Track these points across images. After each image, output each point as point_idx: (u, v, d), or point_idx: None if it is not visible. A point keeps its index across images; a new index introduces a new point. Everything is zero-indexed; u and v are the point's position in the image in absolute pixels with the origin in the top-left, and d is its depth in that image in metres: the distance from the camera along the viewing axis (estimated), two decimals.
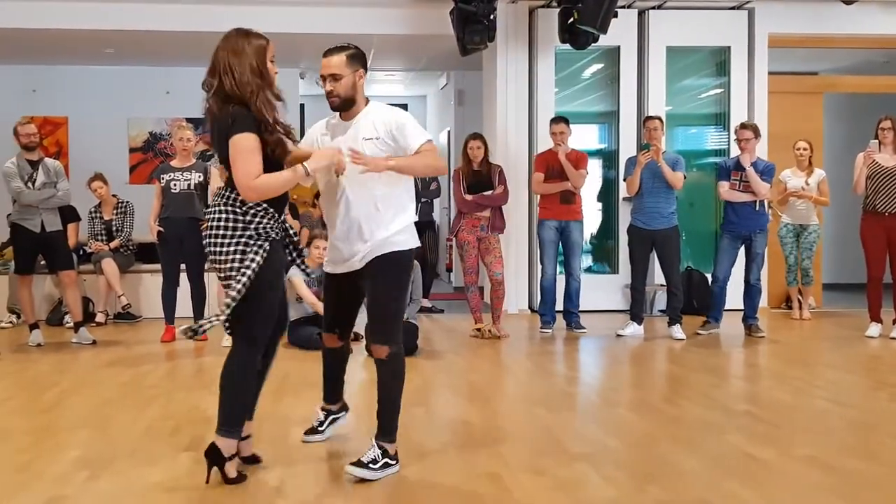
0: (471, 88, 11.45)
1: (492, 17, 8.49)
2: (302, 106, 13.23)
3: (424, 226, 9.46)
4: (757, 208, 7.55)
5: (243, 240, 3.43)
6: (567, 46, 8.73)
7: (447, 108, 12.61)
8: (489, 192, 7.49)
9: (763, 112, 9.28)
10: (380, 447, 3.64)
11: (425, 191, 9.38)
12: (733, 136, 8.10)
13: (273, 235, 3.49)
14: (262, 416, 4.66)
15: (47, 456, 3.96)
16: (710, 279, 7.88)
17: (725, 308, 7.79)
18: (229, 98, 3.49)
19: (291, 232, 3.75)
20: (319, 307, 6.96)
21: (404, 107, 14.89)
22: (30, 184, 7.05)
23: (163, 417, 4.69)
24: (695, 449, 4.04)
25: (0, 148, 7.45)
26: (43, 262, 7.45)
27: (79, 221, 8.84)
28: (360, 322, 7.09)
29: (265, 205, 3.45)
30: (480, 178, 7.51)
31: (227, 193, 3.48)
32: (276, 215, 3.51)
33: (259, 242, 3.44)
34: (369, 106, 3.84)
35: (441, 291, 10.87)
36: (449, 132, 12.39)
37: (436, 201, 10.14)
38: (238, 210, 3.44)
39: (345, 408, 4.27)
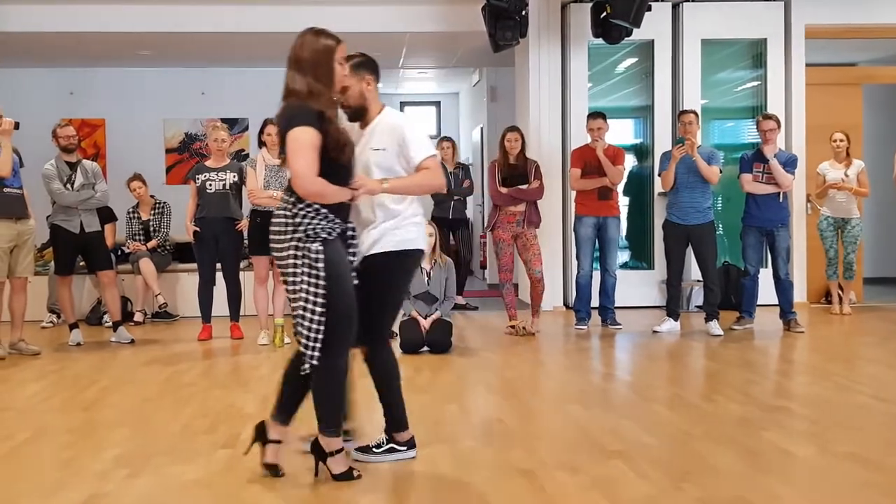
0: (503, 85, 11.42)
1: (524, 12, 8.46)
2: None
3: (457, 223, 9.47)
4: (781, 200, 7.46)
5: (293, 242, 3.40)
6: (600, 41, 8.68)
7: (480, 104, 12.60)
8: (524, 187, 7.46)
9: (801, 104, 9.16)
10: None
11: (458, 188, 9.38)
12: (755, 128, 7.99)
13: (325, 235, 3.41)
14: (297, 414, 4.70)
15: (88, 453, 4.01)
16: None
17: (765, 303, 7.69)
18: (290, 94, 3.49)
19: (357, 236, 3.65)
20: None
21: (437, 104, 15.09)
22: (69, 185, 7.15)
23: (200, 415, 4.73)
24: (732, 446, 3.99)
25: (40, 150, 7.53)
26: (82, 263, 7.55)
27: (116, 222, 8.96)
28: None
29: (317, 205, 3.40)
30: (516, 172, 7.47)
31: (286, 195, 3.46)
32: (331, 216, 3.43)
33: (308, 244, 3.38)
34: (382, 114, 3.81)
35: (475, 289, 10.86)
36: (482, 129, 12.37)
37: (469, 199, 10.13)
38: (289, 211, 3.41)
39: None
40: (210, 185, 7.32)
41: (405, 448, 3.86)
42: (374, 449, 3.83)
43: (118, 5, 9.01)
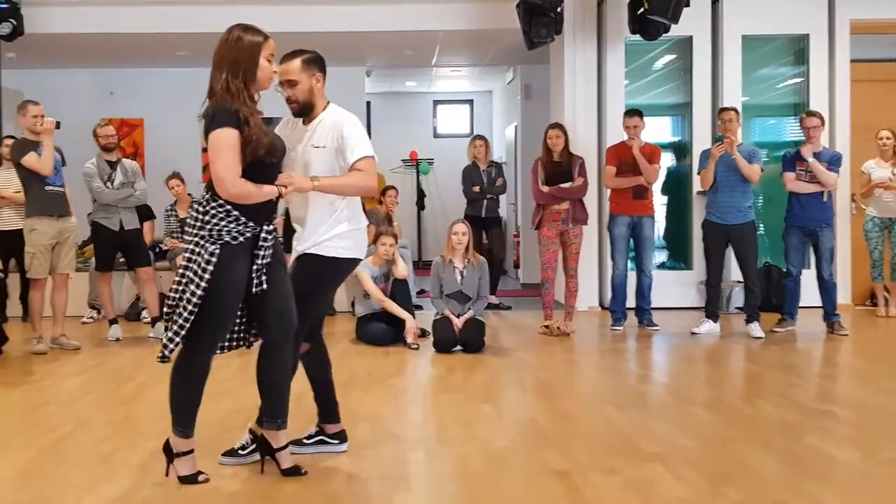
0: (538, 82, 11.37)
1: (559, 9, 8.41)
2: (368, 104, 13.34)
3: (491, 222, 9.44)
4: (825, 199, 7.34)
5: (196, 238, 3.36)
6: (637, 37, 8.60)
7: (514, 102, 12.55)
8: (566, 185, 7.40)
9: (845, 101, 9.00)
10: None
11: (491, 187, 9.35)
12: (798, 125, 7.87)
13: (228, 239, 3.34)
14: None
15: (127, 447, 4.05)
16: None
17: (807, 305, 7.57)
18: (211, 93, 3.46)
19: (270, 240, 3.50)
20: (387, 303, 7.01)
21: (470, 102, 15.08)
22: (109, 184, 7.24)
23: (235, 410, 4.75)
24: (772, 450, 3.93)
25: (81, 149, 7.63)
26: (122, 260, 7.63)
27: (154, 220, 9.05)
28: (427, 319, 7.13)
29: (229, 207, 3.34)
30: (560, 170, 7.41)
31: (204, 192, 3.44)
32: (243, 219, 3.37)
33: (206, 244, 3.33)
34: (326, 111, 3.79)
35: (508, 288, 10.82)
36: (515, 127, 12.33)
37: (502, 197, 10.10)
38: (202, 207, 3.37)
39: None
40: None
41: (336, 441, 3.92)
42: (304, 440, 3.92)
43: (157, 7, 9.11)
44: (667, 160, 9.12)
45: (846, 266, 8.90)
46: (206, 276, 3.31)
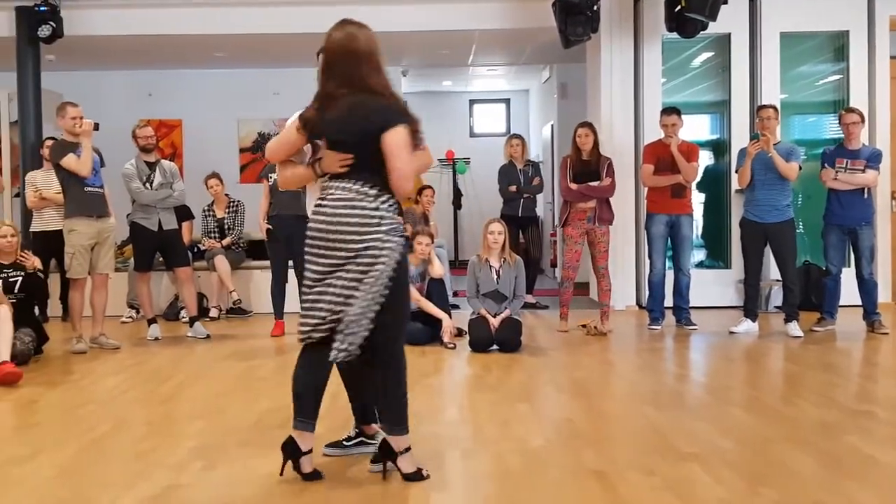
0: (574, 81, 11.33)
1: (595, 7, 8.37)
2: (404, 103, 13.34)
3: (527, 221, 9.41)
4: (865, 197, 7.24)
5: (378, 235, 3.38)
6: (674, 35, 8.53)
7: (550, 101, 12.52)
8: (595, 183, 7.38)
9: (885, 98, 8.87)
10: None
11: (527, 186, 9.32)
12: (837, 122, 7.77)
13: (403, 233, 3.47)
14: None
15: (165, 445, 4.10)
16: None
17: (846, 304, 7.47)
18: (369, 90, 3.48)
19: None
20: (423, 303, 7.02)
21: (506, 101, 15.08)
22: (147, 184, 7.32)
23: (273, 409, 4.78)
24: (811, 450, 3.88)
25: (120, 150, 7.73)
26: (160, 260, 7.72)
27: (192, 220, 9.16)
28: (463, 319, 7.13)
29: (397, 203, 3.48)
30: (588, 169, 7.40)
31: (364, 187, 3.39)
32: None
33: (395, 238, 3.40)
34: None
35: (545, 287, 10.78)
36: (552, 126, 12.29)
37: (538, 196, 10.07)
38: (370, 203, 3.39)
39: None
40: None
41: (375, 442, 3.82)
42: (344, 442, 3.89)
43: (195, 8, 9.22)
44: (705, 158, 9.04)
45: (887, 264, 8.77)
46: (398, 273, 3.37)
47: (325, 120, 3.47)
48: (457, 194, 14.07)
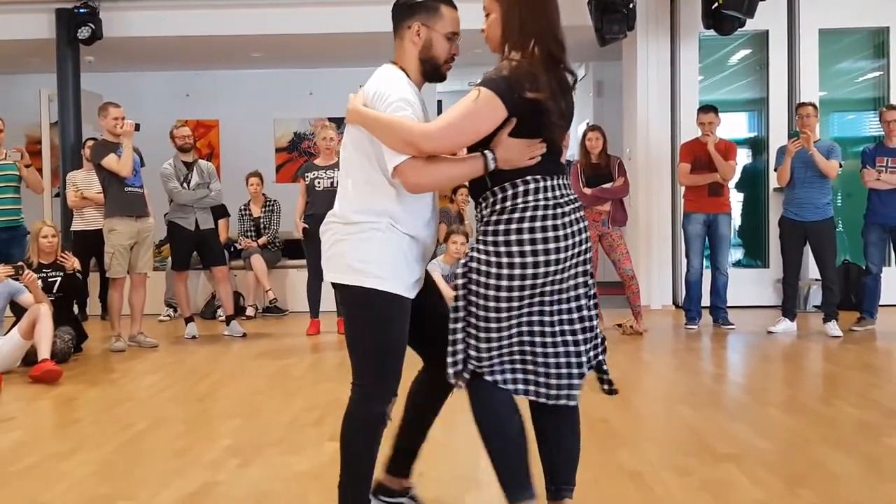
0: (610, 79, 11.25)
1: (631, 5, 8.30)
2: (439, 102, 13.35)
3: None
4: None
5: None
6: (711, 32, 8.45)
7: (586, 100, 12.44)
8: (608, 185, 7.33)
9: None
10: None
11: None
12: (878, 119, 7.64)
13: None
14: (402, 408, 4.74)
15: (202, 443, 4.14)
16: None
17: (886, 304, 7.36)
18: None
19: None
20: None
21: None
22: (185, 184, 7.39)
23: (308, 408, 4.81)
24: (850, 451, 3.82)
25: (158, 150, 7.83)
26: (197, 259, 7.79)
27: (228, 217, 9.24)
28: None
29: None
30: (599, 171, 7.36)
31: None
32: None
33: None
34: None
35: None
36: (588, 124, 12.21)
37: None
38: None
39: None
40: (318, 182, 7.45)
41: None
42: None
43: (231, 9, 9.29)
44: (743, 156, 8.95)
45: None
46: None
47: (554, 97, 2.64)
48: None
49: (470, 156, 2.62)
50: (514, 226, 2.55)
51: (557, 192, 2.65)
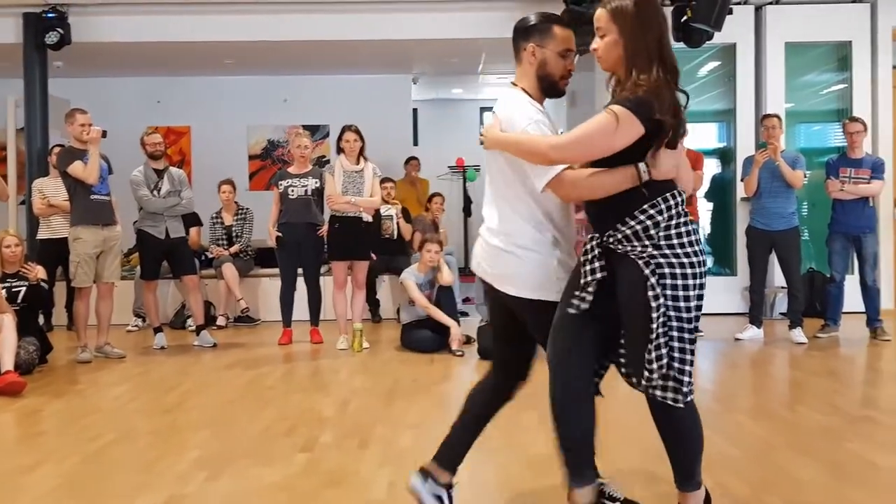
0: (583, 89, 11.30)
1: None
2: (415, 111, 13.40)
3: None
4: (871, 204, 7.32)
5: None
6: (681, 45, 8.52)
7: (559, 109, 12.50)
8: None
9: (888, 108, 8.91)
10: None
11: None
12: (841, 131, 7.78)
13: None
14: (374, 419, 4.75)
15: (169, 455, 4.11)
16: None
17: (849, 311, 7.48)
18: None
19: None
20: (432, 310, 7.04)
21: None
22: (155, 192, 7.34)
23: (280, 418, 4.81)
24: (815, 457, 3.89)
25: (128, 157, 7.76)
26: (167, 268, 7.74)
27: (201, 226, 9.19)
28: (472, 326, 7.12)
29: None
30: None
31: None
32: None
33: None
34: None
35: None
36: (561, 134, 12.30)
37: None
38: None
39: None
40: (292, 191, 7.44)
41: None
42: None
43: (204, 16, 9.24)
44: (711, 167, 9.04)
45: (889, 271, 8.80)
46: None
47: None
48: (467, 202, 14.07)
49: (622, 167, 2.76)
50: (683, 229, 2.79)
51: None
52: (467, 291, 9.65)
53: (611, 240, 2.80)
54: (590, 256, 2.85)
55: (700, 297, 2.87)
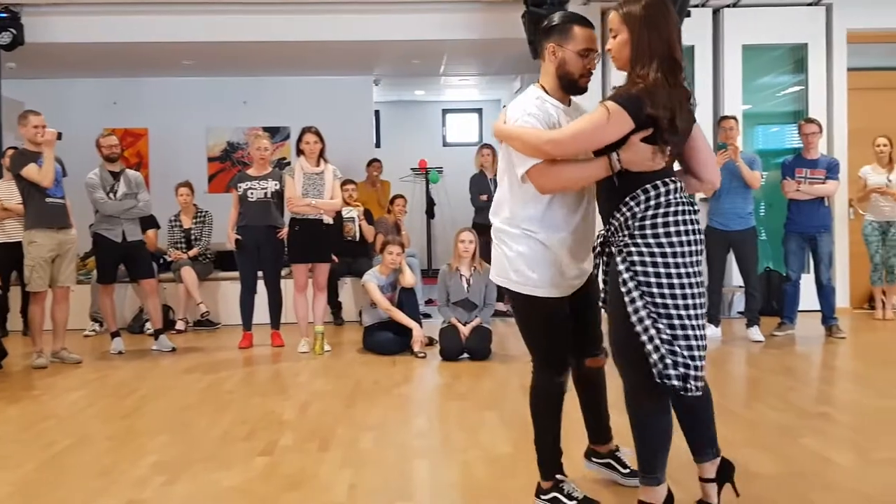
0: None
1: None
2: (377, 112, 13.38)
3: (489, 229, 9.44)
4: (826, 204, 7.44)
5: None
6: None
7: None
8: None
9: (843, 109, 9.04)
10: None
11: (476, 199, 9.41)
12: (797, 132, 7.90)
13: None
14: (334, 421, 4.74)
15: (127, 460, 4.06)
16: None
17: (805, 309, 7.60)
18: None
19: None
20: (394, 312, 7.03)
21: (479, 111, 15.08)
22: (111, 195, 7.24)
23: (239, 422, 4.77)
24: (770, 453, 3.94)
25: (83, 160, 7.66)
26: (124, 271, 7.64)
27: (158, 229, 9.09)
28: (435, 328, 7.11)
29: None
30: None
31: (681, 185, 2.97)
32: None
33: None
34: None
35: None
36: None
37: None
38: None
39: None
40: (252, 193, 7.39)
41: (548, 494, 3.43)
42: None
43: (161, 16, 9.13)
44: None
45: (845, 270, 8.94)
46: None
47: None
48: (430, 203, 14.08)
49: (595, 158, 2.93)
50: (671, 219, 2.87)
51: (684, 195, 2.96)
52: (429, 293, 9.66)
53: (608, 235, 3.00)
54: (594, 253, 3.12)
55: (687, 286, 2.87)
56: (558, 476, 3.34)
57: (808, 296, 7.70)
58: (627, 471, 3.55)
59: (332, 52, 9.93)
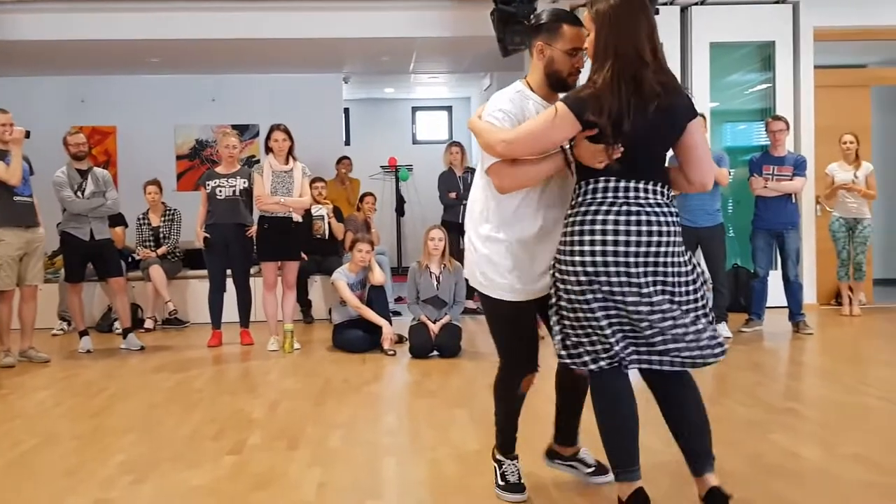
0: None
1: (532, 17, 8.44)
2: (346, 110, 13.34)
3: (458, 226, 9.46)
4: (794, 200, 7.53)
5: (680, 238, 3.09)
6: None
7: None
8: None
9: (809, 106, 9.13)
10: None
11: (467, 192, 9.36)
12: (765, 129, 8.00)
13: None
14: (304, 420, 4.73)
15: (94, 460, 4.03)
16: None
17: (773, 305, 7.68)
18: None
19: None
20: (364, 310, 7.03)
21: (448, 109, 15.11)
22: (79, 193, 7.18)
23: (207, 421, 4.75)
24: (738, 449, 3.99)
25: (50, 158, 7.57)
26: (92, 270, 7.57)
27: (126, 227, 9.02)
28: (405, 325, 7.11)
29: None
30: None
31: (662, 188, 3.00)
32: None
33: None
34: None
35: None
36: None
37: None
38: (671, 207, 3.06)
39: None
40: (220, 191, 7.35)
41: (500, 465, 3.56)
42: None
43: (128, 13, 9.05)
44: None
45: (812, 267, 9.04)
46: None
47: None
48: (400, 201, 14.07)
49: (551, 153, 2.97)
50: (588, 217, 2.89)
51: (632, 194, 2.90)
52: (399, 291, 9.65)
53: None
54: None
55: (583, 283, 2.91)
56: (506, 457, 3.49)
57: (775, 292, 7.79)
58: (592, 469, 3.58)
59: (301, 49, 9.90)
